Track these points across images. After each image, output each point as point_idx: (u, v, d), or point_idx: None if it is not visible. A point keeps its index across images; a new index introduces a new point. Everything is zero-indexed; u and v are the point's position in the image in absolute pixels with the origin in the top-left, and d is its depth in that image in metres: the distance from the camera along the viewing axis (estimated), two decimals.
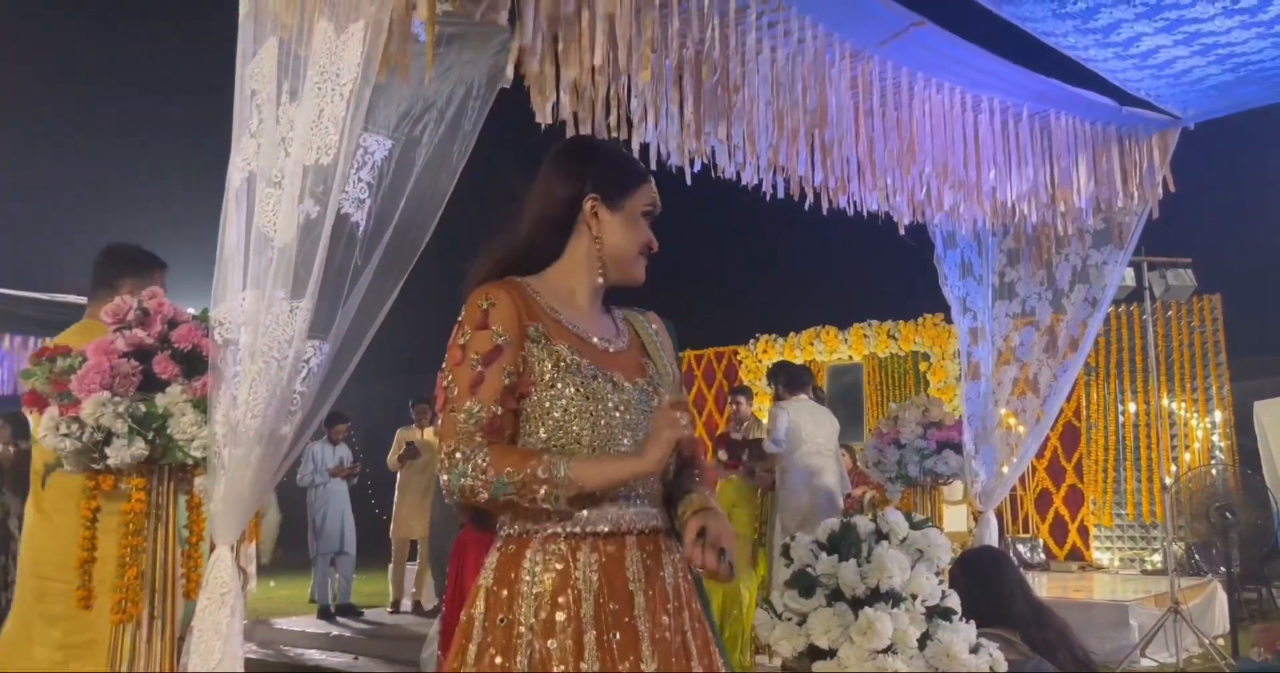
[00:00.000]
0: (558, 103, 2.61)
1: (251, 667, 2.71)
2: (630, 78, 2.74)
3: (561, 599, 1.64)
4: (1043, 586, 8.00)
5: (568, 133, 2.62)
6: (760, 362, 11.22)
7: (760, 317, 11.80)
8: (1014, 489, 8.54)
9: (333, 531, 8.06)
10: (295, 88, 2.25)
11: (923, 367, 10.45)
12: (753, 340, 11.58)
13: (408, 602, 8.24)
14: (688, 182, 3.11)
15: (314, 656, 6.99)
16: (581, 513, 1.67)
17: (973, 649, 2.85)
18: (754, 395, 8.79)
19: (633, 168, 1.91)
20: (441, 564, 6.92)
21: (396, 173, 2.36)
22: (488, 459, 1.62)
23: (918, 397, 7.42)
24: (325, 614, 7.88)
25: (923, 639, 2.87)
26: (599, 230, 1.81)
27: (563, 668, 1.60)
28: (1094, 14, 3.54)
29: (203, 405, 2.43)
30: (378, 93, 2.29)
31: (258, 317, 2.22)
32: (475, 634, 1.66)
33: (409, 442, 8.23)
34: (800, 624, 2.95)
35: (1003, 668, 2.85)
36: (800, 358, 10.80)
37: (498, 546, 1.73)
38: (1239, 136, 6.11)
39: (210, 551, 2.33)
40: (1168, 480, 6.65)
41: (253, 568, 8.28)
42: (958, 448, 5.04)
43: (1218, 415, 9.14)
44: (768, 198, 3.46)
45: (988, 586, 3.15)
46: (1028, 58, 3.82)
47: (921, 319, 10.39)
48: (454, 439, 1.65)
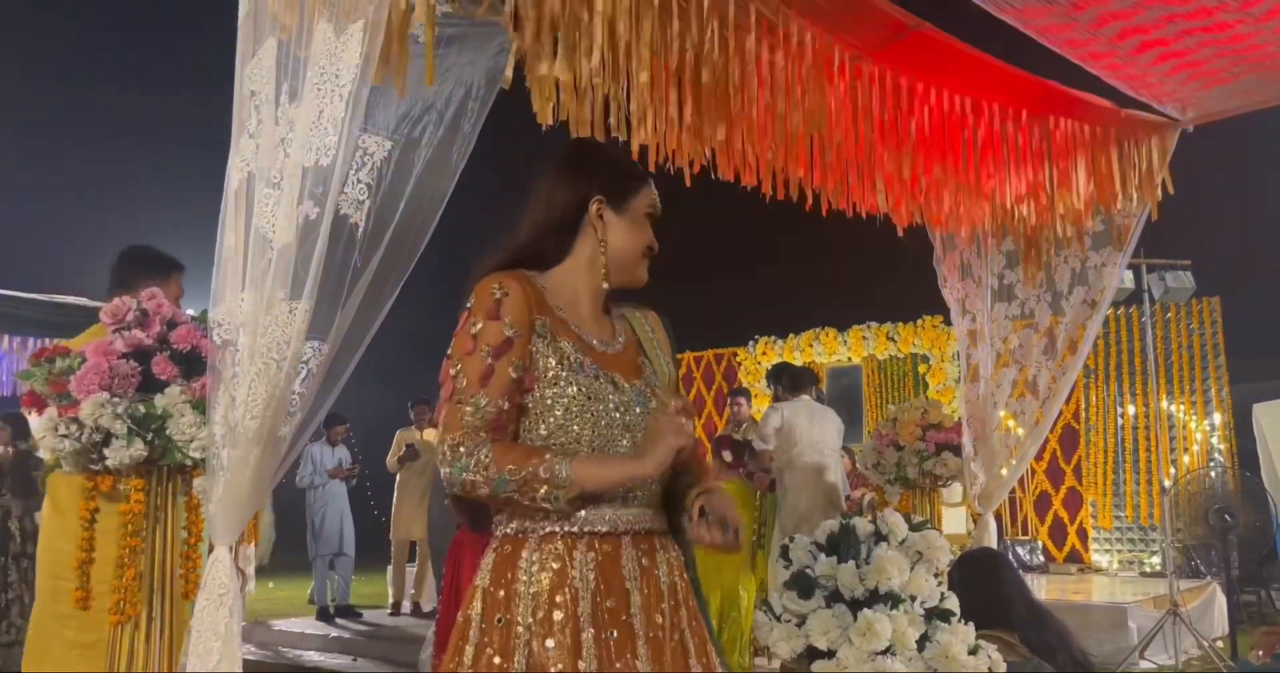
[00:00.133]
0: (557, 104, 2.62)
1: (250, 668, 2.71)
2: (630, 79, 2.75)
3: (559, 598, 1.64)
4: (1041, 588, 8.00)
5: (568, 134, 2.62)
6: (759, 363, 11.22)
7: (759, 318, 11.80)
8: (1013, 491, 8.54)
9: (332, 532, 8.05)
10: (294, 88, 2.24)
11: (922, 369, 10.46)
12: (752, 342, 11.58)
13: (407, 603, 8.23)
14: (686, 183, 3.11)
15: (313, 657, 6.99)
16: (579, 513, 1.68)
17: (971, 651, 2.85)
18: (753, 397, 8.79)
19: (635, 170, 1.92)
20: (441, 566, 6.91)
21: (396, 174, 2.36)
22: (490, 455, 1.62)
23: (917, 399, 7.42)
24: (324, 616, 7.87)
25: (921, 641, 2.86)
26: (604, 232, 1.82)
27: (560, 667, 1.59)
28: (1093, 15, 3.54)
29: (201, 406, 2.43)
30: (377, 94, 2.30)
31: (257, 318, 2.22)
32: (472, 635, 1.66)
33: (408, 443, 8.22)
34: (799, 626, 2.94)
35: (1001, 670, 2.85)
36: (799, 360, 10.80)
37: (493, 546, 1.73)
38: (1238, 139, 6.12)
39: (209, 551, 2.33)
40: (1167, 483, 6.64)
41: (251, 569, 8.28)
42: (957, 450, 5.04)
43: (1217, 418, 9.15)
44: (767, 199, 3.46)
45: (987, 588, 3.16)
46: (1027, 59, 3.82)
47: (920, 321, 10.39)
48: (458, 432, 1.65)
